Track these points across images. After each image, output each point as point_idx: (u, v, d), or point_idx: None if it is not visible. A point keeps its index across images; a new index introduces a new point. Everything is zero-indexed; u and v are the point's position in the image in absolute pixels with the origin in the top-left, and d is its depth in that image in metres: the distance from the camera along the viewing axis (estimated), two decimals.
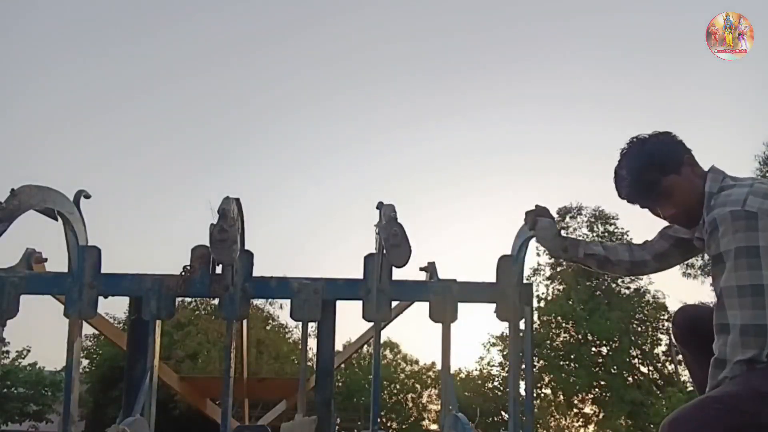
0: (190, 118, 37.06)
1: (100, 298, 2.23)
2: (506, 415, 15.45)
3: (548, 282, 24.73)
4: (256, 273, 2.29)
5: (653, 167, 1.87)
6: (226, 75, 37.22)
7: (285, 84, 38.53)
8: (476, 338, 27.18)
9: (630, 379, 22.78)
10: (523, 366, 2.32)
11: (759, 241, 1.68)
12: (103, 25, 35.50)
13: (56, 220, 2.17)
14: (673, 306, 24.02)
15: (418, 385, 30.01)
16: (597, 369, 23.07)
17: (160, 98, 36.20)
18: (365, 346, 5.91)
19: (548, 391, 23.71)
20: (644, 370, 23.41)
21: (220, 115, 37.66)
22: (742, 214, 1.71)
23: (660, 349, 24.72)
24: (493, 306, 2.33)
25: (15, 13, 34.71)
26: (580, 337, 23.66)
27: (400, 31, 36.70)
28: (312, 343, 3.59)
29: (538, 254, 20.76)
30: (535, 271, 24.12)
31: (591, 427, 23.97)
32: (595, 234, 23.63)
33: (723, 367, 1.66)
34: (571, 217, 24.37)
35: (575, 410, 24.11)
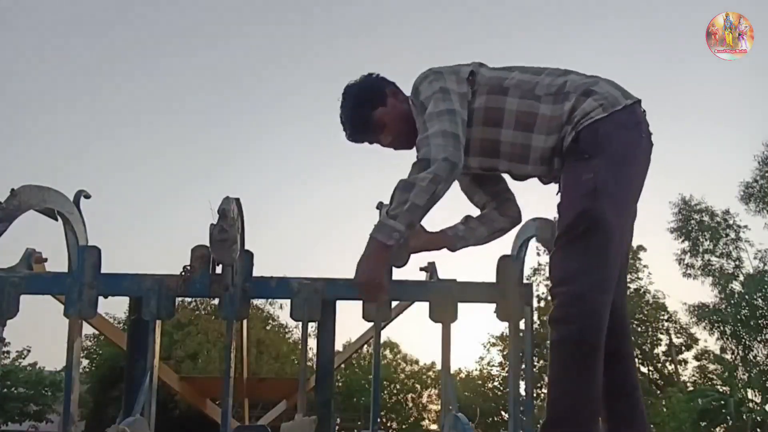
0: (191, 119, 37.10)
1: (100, 298, 2.22)
2: (506, 415, 15.44)
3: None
4: (256, 273, 2.28)
5: (361, 105, 2.04)
6: (227, 77, 37.24)
7: (285, 86, 38.55)
8: (476, 338, 27.22)
9: None
10: (523, 366, 2.31)
11: None
12: (107, 28, 35.53)
13: (56, 220, 2.16)
14: (672, 306, 24.03)
15: (418, 385, 30.00)
16: None
17: (161, 99, 36.23)
18: (365, 346, 5.89)
19: None
20: (644, 370, 23.41)
21: (222, 116, 37.70)
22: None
23: (660, 349, 24.71)
24: (493, 306, 2.32)
25: (20, 15, 34.71)
26: None
27: (402, 35, 36.73)
28: (312, 343, 3.58)
29: (538, 254, 20.77)
30: (535, 271, 24.09)
31: None
32: None
33: None
34: None
35: None
